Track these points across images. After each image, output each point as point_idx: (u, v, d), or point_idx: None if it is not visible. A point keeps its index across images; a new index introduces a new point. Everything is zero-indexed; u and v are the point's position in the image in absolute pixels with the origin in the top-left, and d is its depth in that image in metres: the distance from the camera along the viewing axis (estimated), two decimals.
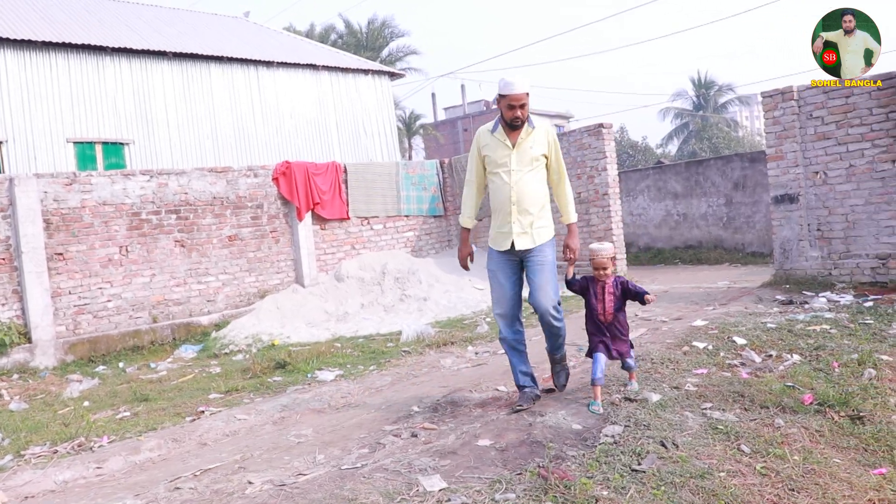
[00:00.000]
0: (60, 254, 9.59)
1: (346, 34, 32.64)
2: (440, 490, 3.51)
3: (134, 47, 15.32)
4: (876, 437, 4.43)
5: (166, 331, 10.25)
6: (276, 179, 12.15)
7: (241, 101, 16.76)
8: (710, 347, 6.30)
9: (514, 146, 4.52)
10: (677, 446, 4.07)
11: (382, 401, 5.73)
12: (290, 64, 17.13)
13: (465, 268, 4.91)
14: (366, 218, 13.52)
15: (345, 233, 13.19)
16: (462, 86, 58.90)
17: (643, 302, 4.87)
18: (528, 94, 4.42)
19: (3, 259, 9.21)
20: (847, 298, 8.33)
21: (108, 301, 9.97)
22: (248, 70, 16.72)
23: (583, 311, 5.20)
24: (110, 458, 4.71)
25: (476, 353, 7.60)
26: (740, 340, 6.49)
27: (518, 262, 4.67)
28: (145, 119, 15.46)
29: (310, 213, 12.50)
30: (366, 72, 18.37)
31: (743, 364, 5.84)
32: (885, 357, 5.83)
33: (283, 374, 7.34)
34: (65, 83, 14.40)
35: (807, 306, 8.12)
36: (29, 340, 9.16)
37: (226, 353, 9.35)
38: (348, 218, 13.20)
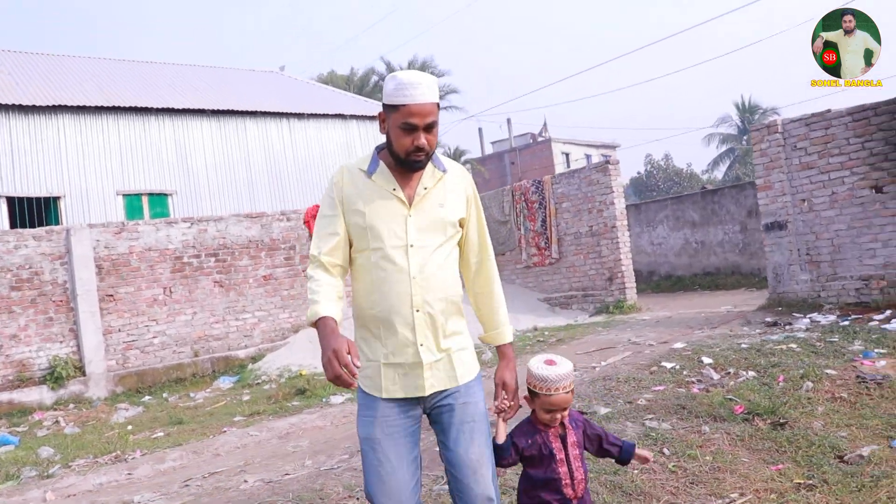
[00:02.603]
0: (111, 295, 10.72)
1: (387, 76, 34.04)
2: None
3: (175, 107, 16.73)
4: (790, 440, 5.02)
5: (206, 364, 11.26)
6: (307, 222, 13.14)
7: (274, 151, 18.00)
8: (677, 367, 6.91)
9: (410, 202, 2.47)
10: None
11: None
12: (319, 115, 18.39)
13: (346, 384, 2.20)
14: None
15: None
16: (508, 119, 59.88)
17: (625, 461, 2.82)
18: (438, 105, 2.42)
19: (61, 301, 10.37)
20: (830, 319, 8.83)
21: (154, 337, 11.04)
22: (281, 122, 18.00)
23: None
24: (140, 467, 5.64)
25: None
26: (707, 360, 7.08)
27: (418, 421, 2.52)
28: (186, 171, 16.76)
29: None
30: None
31: (700, 381, 6.45)
32: (831, 371, 6.37)
33: (301, 399, 8.21)
34: (114, 141, 15.82)
35: (788, 327, 8.65)
36: (83, 374, 10.27)
37: (258, 384, 10.28)
38: None
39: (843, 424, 5.30)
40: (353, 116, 18.83)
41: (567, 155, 53.60)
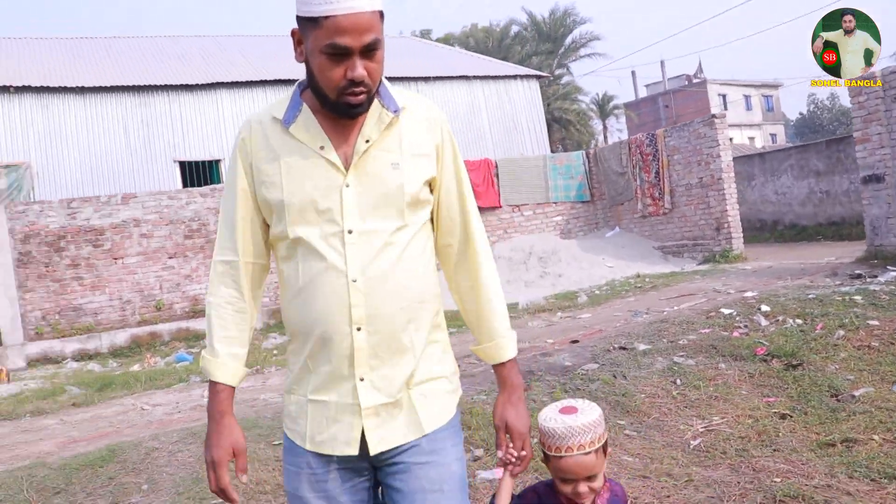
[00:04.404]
0: None
1: (529, 26, 34.57)
2: None
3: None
4: (796, 379, 5.68)
5: None
6: None
7: None
8: (734, 313, 7.64)
9: (347, 163, 1.68)
10: (626, 377, 5.76)
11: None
12: (444, 77, 19.72)
13: (228, 499, 1.70)
14: (517, 206, 15.53)
15: (497, 219, 15.32)
16: (661, 62, 58.32)
17: None
18: (381, 14, 1.60)
19: None
20: None
21: None
22: (409, 85, 19.38)
23: None
24: (272, 378, 7.32)
25: (559, 317, 9.43)
26: (765, 308, 7.73)
27: (366, 478, 1.76)
28: None
29: None
30: (514, 77, 20.40)
31: (746, 326, 7.18)
32: (874, 322, 6.86)
33: None
34: None
35: (870, 280, 9.00)
36: None
37: None
38: (500, 206, 15.30)
39: (856, 369, 5.76)
40: (476, 77, 19.93)
41: (724, 96, 51.70)
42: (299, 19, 1.60)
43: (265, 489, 4.13)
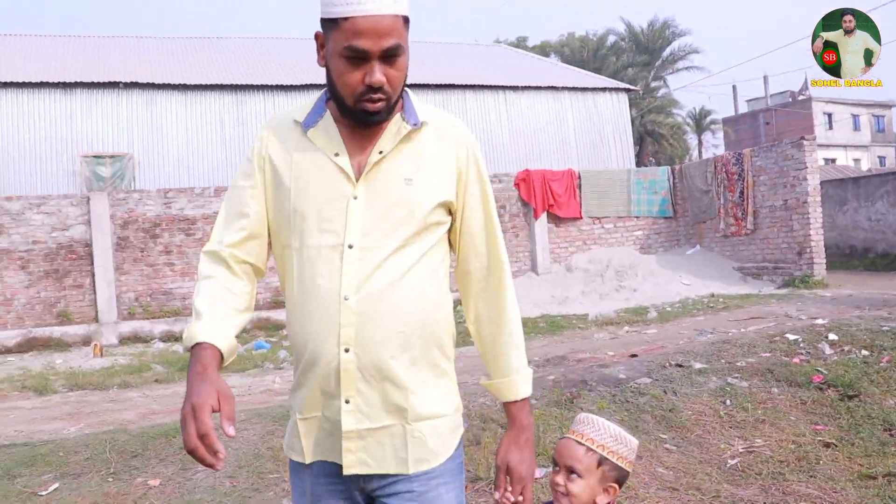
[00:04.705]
0: None
1: (627, 36, 34.26)
2: None
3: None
4: (850, 410, 5.63)
5: None
6: (517, 185, 14.74)
7: (490, 119, 19.73)
8: (798, 339, 7.55)
9: (359, 173, 1.62)
10: (676, 394, 5.84)
11: None
12: (532, 87, 19.86)
13: (205, 464, 1.46)
14: (598, 218, 15.55)
15: (577, 230, 15.39)
16: (765, 76, 56.53)
17: None
18: (405, 20, 1.55)
19: None
20: None
21: None
22: (498, 94, 19.64)
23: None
24: None
25: (626, 331, 9.49)
26: (833, 336, 7.60)
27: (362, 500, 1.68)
28: None
29: (545, 213, 14.90)
30: (603, 89, 20.38)
31: (808, 353, 7.09)
32: None
33: None
34: None
35: None
36: None
37: None
38: (581, 217, 15.36)
39: None
40: (564, 88, 20.01)
41: (829, 115, 49.74)
42: (322, 22, 1.57)
43: None
